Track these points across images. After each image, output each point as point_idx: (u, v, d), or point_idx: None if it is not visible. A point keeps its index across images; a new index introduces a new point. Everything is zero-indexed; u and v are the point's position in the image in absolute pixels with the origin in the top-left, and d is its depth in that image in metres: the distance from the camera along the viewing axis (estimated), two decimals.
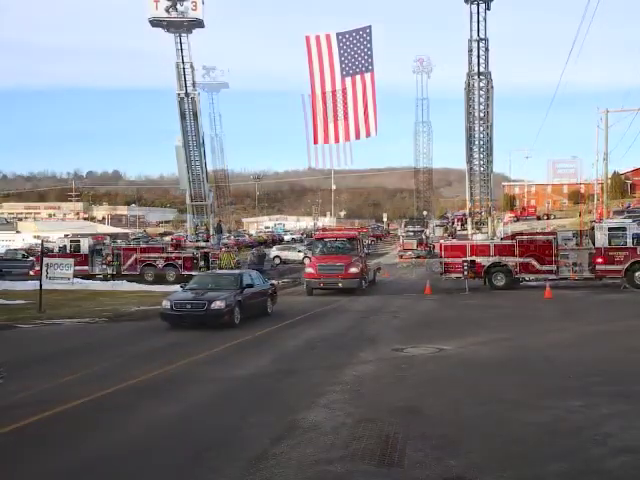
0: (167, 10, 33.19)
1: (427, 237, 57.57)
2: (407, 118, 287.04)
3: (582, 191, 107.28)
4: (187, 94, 35.09)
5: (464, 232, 47.86)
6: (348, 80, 32.08)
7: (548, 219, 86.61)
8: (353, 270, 26.99)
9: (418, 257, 50.60)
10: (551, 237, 29.17)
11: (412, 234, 55.70)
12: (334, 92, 32.13)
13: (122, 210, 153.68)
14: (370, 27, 32.23)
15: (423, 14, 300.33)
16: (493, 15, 30.62)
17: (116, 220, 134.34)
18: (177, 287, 21.57)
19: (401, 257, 52.07)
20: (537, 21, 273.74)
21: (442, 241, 33.59)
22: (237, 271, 24.21)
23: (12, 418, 8.75)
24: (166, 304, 17.89)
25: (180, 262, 35.69)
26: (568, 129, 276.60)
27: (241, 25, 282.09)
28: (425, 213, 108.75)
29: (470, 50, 30.91)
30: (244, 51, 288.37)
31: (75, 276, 23.59)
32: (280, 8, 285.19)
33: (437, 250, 34.34)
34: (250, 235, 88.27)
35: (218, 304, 17.31)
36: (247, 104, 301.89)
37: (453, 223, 79.78)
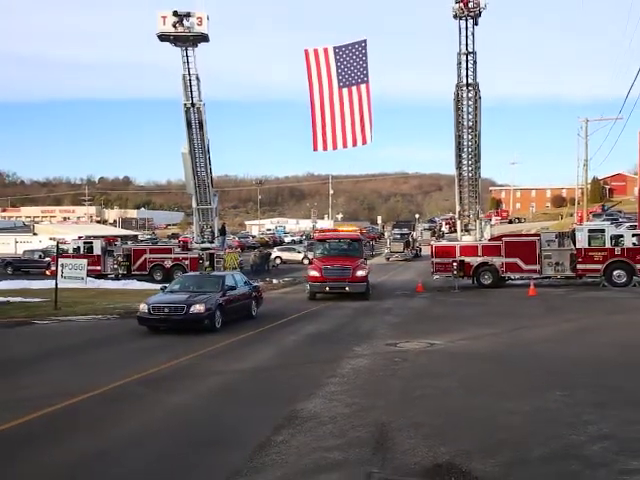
0: (174, 25, 33.18)
1: (414, 240, 56.23)
2: (400, 125, 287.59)
3: (564, 195, 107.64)
4: (193, 104, 35.05)
5: (453, 234, 47.80)
6: (345, 91, 32.13)
7: (519, 222, 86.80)
8: (360, 273, 24.14)
9: (405, 260, 50.23)
10: (535, 238, 29.30)
11: (399, 237, 53.60)
12: (332, 102, 32.19)
13: (132, 213, 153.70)
14: (365, 41, 32.28)
15: (416, 28, 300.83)
16: (481, 28, 30.67)
17: (126, 223, 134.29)
18: None
19: (388, 259, 51.48)
20: (523, 34, 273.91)
21: (433, 242, 33.64)
22: (220, 273, 22.01)
23: (27, 410, 8.76)
24: (143, 307, 16.25)
25: (187, 262, 35.72)
26: (551, 137, 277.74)
27: (245, 39, 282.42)
28: (417, 216, 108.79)
29: (459, 63, 30.94)
30: (246, 62, 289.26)
31: (88, 275, 23.58)
32: (280, 24, 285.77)
33: (427, 252, 34.18)
34: (254, 237, 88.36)
35: (198, 308, 15.73)
36: (248, 113, 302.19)
37: (441, 227, 79.39)
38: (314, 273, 24.46)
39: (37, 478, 6.35)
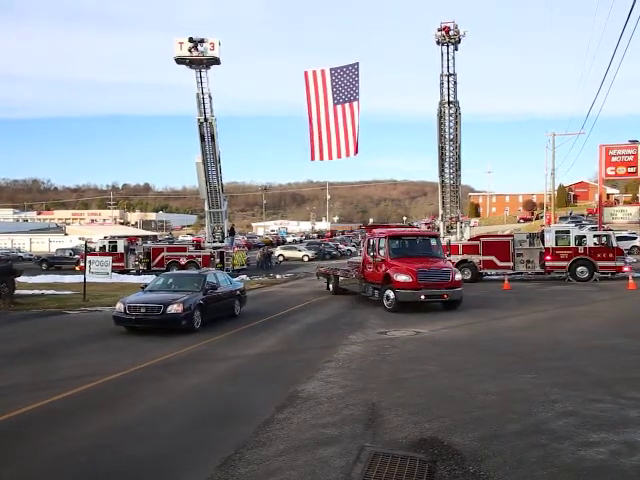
0: (189, 50, 33.34)
1: None
2: (390, 139, 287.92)
3: (534, 200, 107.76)
4: (206, 119, 35.08)
5: None
6: (339, 107, 32.20)
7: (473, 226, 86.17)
8: (459, 277, 18.55)
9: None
10: (509, 239, 29.28)
11: None
12: (327, 118, 32.25)
13: (151, 216, 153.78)
14: (358, 63, 32.40)
15: (404, 52, 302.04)
16: (461, 53, 30.77)
17: (146, 224, 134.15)
18: None
19: None
20: (499, 57, 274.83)
21: None
22: (201, 272, 19.39)
23: (63, 388, 8.84)
24: (120, 307, 14.34)
25: (200, 260, 35.66)
26: (523, 149, 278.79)
27: (254, 62, 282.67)
28: (404, 218, 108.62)
29: (441, 83, 31.02)
30: (254, 82, 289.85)
31: (113, 271, 23.56)
32: (282, 49, 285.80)
33: None
34: (259, 237, 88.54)
35: (175, 308, 13.84)
36: (255, 127, 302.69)
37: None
38: (404, 278, 17.66)
39: (73, 446, 6.36)
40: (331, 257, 54.65)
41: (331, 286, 24.13)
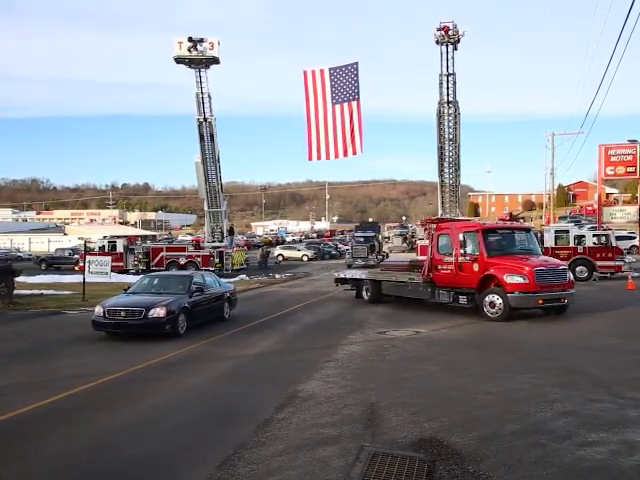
0: (189, 50, 33.45)
1: (380, 244, 44.48)
2: (390, 139, 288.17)
3: (533, 200, 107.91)
4: (205, 119, 35.15)
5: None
6: (337, 107, 32.29)
7: None
8: (571, 277, 16.16)
9: (372, 266, 42.01)
10: None
11: (362, 240, 41.18)
12: (325, 117, 32.32)
13: (151, 216, 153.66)
14: (357, 63, 32.55)
15: (404, 52, 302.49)
16: (461, 52, 30.84)
17: (146, 224, 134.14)
18: None
19: (350, 266, 35.81)
20: (499, 57, 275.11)
21: (419, 242, 33.72)
22: (187, 273, 18.27)
23: (63, 388, 8.84)
24: (99, 310, 13.47)
25: (199, 259, 35.70)
26: (522, 149, 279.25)
27: (254, 62, 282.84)
28: (404, 218, 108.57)
29: (440, 83, 31.12)
30: (251, 83, 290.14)
31: (112, 271, 23.55)
32: (283, 48, 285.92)
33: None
34: (259, 236, 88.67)
35: (158, 312, 12.99)
36: (255, 126, 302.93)
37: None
38: (518, 279, 14.86)
39: (74, 445, 6.37)
40: (330, 257, 54.71)
41: (365, 293, 20.64)
